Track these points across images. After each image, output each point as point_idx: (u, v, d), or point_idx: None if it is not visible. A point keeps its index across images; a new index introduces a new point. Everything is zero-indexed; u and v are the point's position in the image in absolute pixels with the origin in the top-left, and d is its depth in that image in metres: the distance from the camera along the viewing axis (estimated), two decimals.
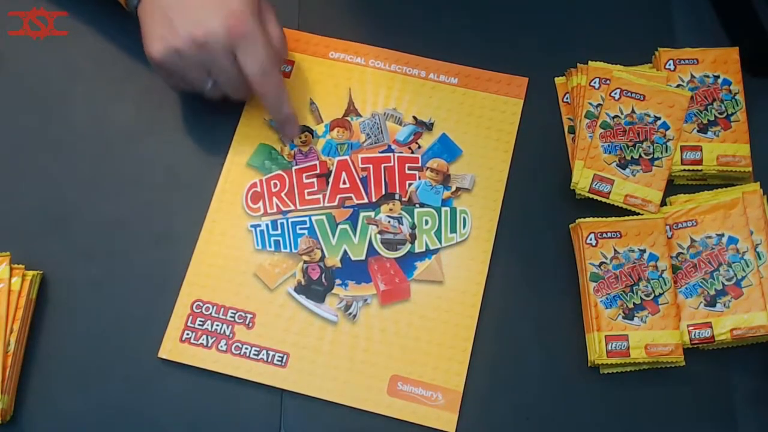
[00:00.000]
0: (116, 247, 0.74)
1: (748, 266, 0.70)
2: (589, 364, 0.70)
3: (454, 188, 0.76)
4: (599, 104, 0.75)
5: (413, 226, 0.74)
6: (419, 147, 0.77)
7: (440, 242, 0.74)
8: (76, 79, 0.80)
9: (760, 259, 0.70)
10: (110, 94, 0.79)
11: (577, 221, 0.73)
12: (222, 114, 0.77)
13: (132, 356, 0.71)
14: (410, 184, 0.76)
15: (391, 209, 0.75)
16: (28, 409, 0.70)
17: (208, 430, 0.69)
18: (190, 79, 0.71)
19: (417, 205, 0.75)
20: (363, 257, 0.73)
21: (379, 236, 0.74)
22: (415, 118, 0.78)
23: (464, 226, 0.74)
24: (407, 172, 0.76)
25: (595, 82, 0.76)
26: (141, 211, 0.75)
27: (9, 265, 0.70)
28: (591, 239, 0.72)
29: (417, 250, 0.74)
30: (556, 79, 0.79)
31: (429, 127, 0.78)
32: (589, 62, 0.77)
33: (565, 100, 0.79)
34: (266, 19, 0.72)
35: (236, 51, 0.69)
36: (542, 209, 0.75)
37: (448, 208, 0.75)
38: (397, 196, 0.75)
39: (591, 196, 0.73)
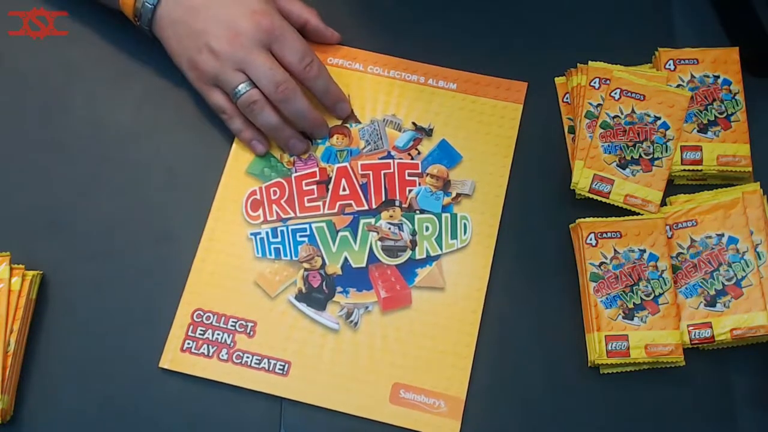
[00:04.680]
0: (116, 248, 0.74)
1: (748, 266, 0.70)
2: (589, 364, 0.70)
3: (454, 194, 0.75)
4: (599, 104, 0.75)
5: (414, 233, 0.74)
6: (419, 153, 0.77)
7: (441, 248, 0.74)
8: (76, 79, 0.80)
9: (760, 259, 0.70)
10: (110, 95, 0.79)
11: (577, 221, 0.73)
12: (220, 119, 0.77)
13: (132, 361, 0.71)
14: (410, 191, 0.76)
15: (391, 216, 0.75)
16: (29, 408, 0.70)
17: (209, 428, 0.70)
18: (224, 80, 0.72)
19: (417, 212, 0.75)
20: (364, 264, 0.73)
21: (379, 243, 0.74)
22: (414, 124, 0.78)
23: (465, 232, 0.74)
24: (407, 178, 0.76)
25: (595, 82, 0.76)
26: (141, 212, 0.75)
27: (9, 265, 0.70)
28: (591, 239, 0.72)
29: (418, 257, 0.73)
30: (556, 79, 0.79)
31: (428, 132, 0.78)
32: (589, 62, 0.77)
33: (565, 100, 0.79)
34: (283, 4, 0.75)
35: (271, 45, 0.71)
36: (542, 210, 0.75)
37: (448, 214, 0.75)
38: (397, 203, 0.75)
39: (591, 196, 0.73)
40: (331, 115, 0.77)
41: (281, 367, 0.70)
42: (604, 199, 0.73)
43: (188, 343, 0.71)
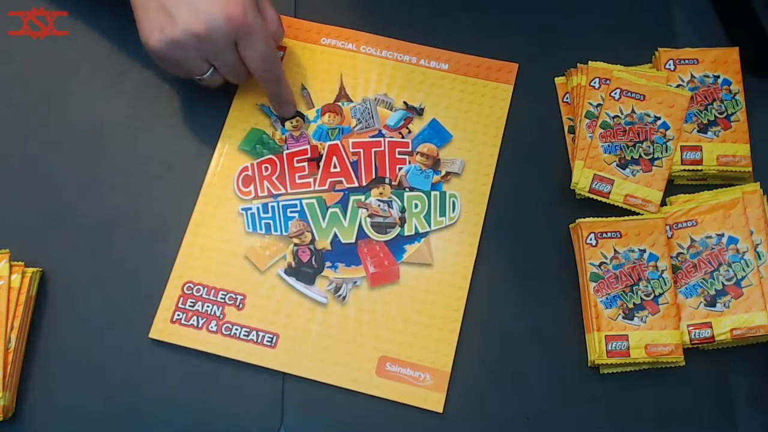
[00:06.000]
0: (115, 243, 0.74)
1: (748, 266, 0.70)
2: (589, 364, 0.70)
3: (443, 172, 0.76)
4: (599, 104, 0.75)
5: (403, 210, 0.75)
6: (409, 132, 0.78)
7: (429, 225, 0.74)
8: (76, 78, 0.80)
9: (760, 259, 0.70)
10: (109, 94, 0.79)
11: (577, 221, 0.73)
12: (215, 103, 0.77)
13: (132, 349, 0.71)
14: (400, 169, 0.76)
15: (381, 193, 0.75)
16: (30, 405, 0.70)
17: (211, 417, 0.70)
18: (189, 67, 0.71)
19: (407, 189, 0.76)
20: (353, 240, 0.74)
21: (368, 219, 0.75)
22: (405, 103, 0.79)
23: (453, 210, 0.75)
24: (397, 156, 0.77)
25: (595, 82, 0.76)
26: (139, 206, 0.75)
27: (8, 263, 0.70)
28: (591, 239, 0.72)
29: (406, 233, 0.74)
30: (556, 79, 0.80)
31: (419, 112, 0.78)
32: (589, 62, 0.77)
33: (565, 100, 0.79)
34: (261, 3, 0.72)
35: (237, 42, 0.69)
36: (542, 209, 0.75)
37: (437, 192, 0.75)
38: (387, 180, 0.76)
39: (591, 196, 0.73)
40: (274, 111, 0.78)
41: (269, 339, 0.71)
42: (604, 199, 0.73)
43: (178, 315, 0.72)
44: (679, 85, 0.76)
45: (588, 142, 0.74)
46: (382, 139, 0.77)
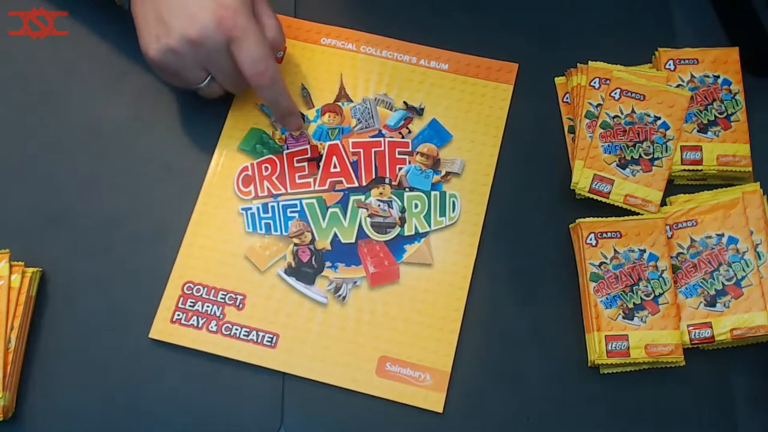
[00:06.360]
0: (115, 243, 0.74)
1: (748, 266, 0.70)
2: (589, 364, 0.70)
3: (443, 172, 0.76)
4: (599, 104, 0.75)
5: (403, 210, 0.75)
6: (409, 132, 0.78)
7: (429, 225, 0.74)
8: (76, 78, 0.80)
9: (760, 259, 0.70)
10: (109, 94, 0.79)
11: (577, 221, 0.73)
12: (215, 103, 0.77)
13: (132, 349, 0.71)
14: (400, 169, 0.76)
15: (381, 193, 0.75)
16: (30, 405, 0.70)
17: (211, 417, 0.70)
18: (186, 76, 0.71)
19: (407, 189, 0.76)
20: (353, 240, 0.74)
21: (369, 219, 0.75)
22: (405, 103, 0.79)
23: (453, 210, 0.75)
24: (397, 156, 0.77)
25: (595, 82, 0.76)
26: (139, 207, 0.75)
27: (8, 263, 0.70)
28: (591, 239, 0.72)
29: (406, 233, 0.74)
30: (556, 79, 0.80)
31: (419, 112, 0.78)
32: (589, 62, 0.77)
33: (565, 100, 0.79)
34: (260, 10, 0.72)
35: (231, 46, 0.68)
36: (542, 209, 0.75)
37: (437, 192, 0.75)
38: (387, 180, 0.76)
39: (591, 196, 0.73)
40: (279, 124, 0.77)
41: (269, 339, 0.71)
42: (604, 199, 0.73)
43: (178, 315, 0.72)
44: (679, 85, 0.76)
45: (588, 142, 0.74)
46: (382, 139, 0.77)
